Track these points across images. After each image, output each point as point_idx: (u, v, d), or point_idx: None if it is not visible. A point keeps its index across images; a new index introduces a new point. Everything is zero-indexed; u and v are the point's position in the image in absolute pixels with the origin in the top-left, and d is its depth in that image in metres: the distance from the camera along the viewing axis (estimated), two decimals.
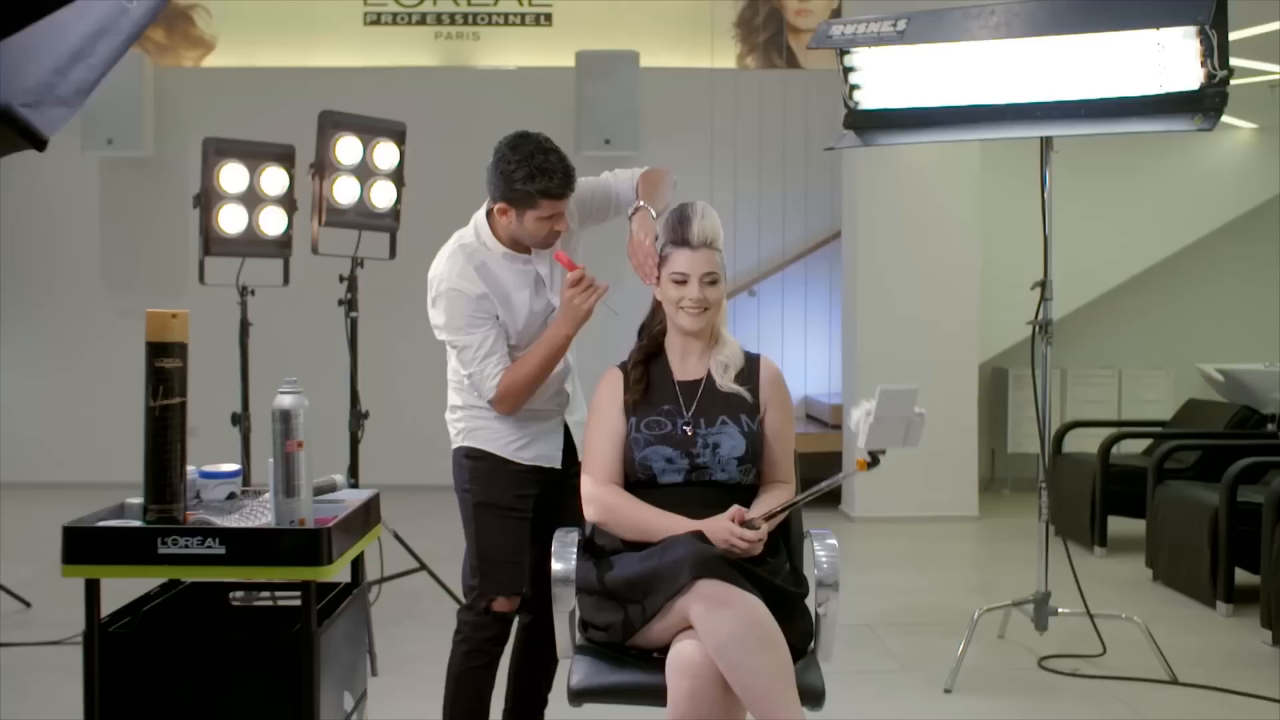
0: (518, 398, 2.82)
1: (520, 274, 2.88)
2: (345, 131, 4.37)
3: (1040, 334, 4.13)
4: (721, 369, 2.67)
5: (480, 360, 2.79)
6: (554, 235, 2.83)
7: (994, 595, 5.17)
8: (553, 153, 2.76)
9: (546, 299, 2.92)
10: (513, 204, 2.76)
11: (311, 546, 2.29)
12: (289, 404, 2.36)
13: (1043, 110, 3.97)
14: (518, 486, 2.90)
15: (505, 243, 2.86)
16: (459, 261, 2.83)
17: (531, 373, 2.81)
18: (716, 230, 2.65)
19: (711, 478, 2.57)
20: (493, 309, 2.81)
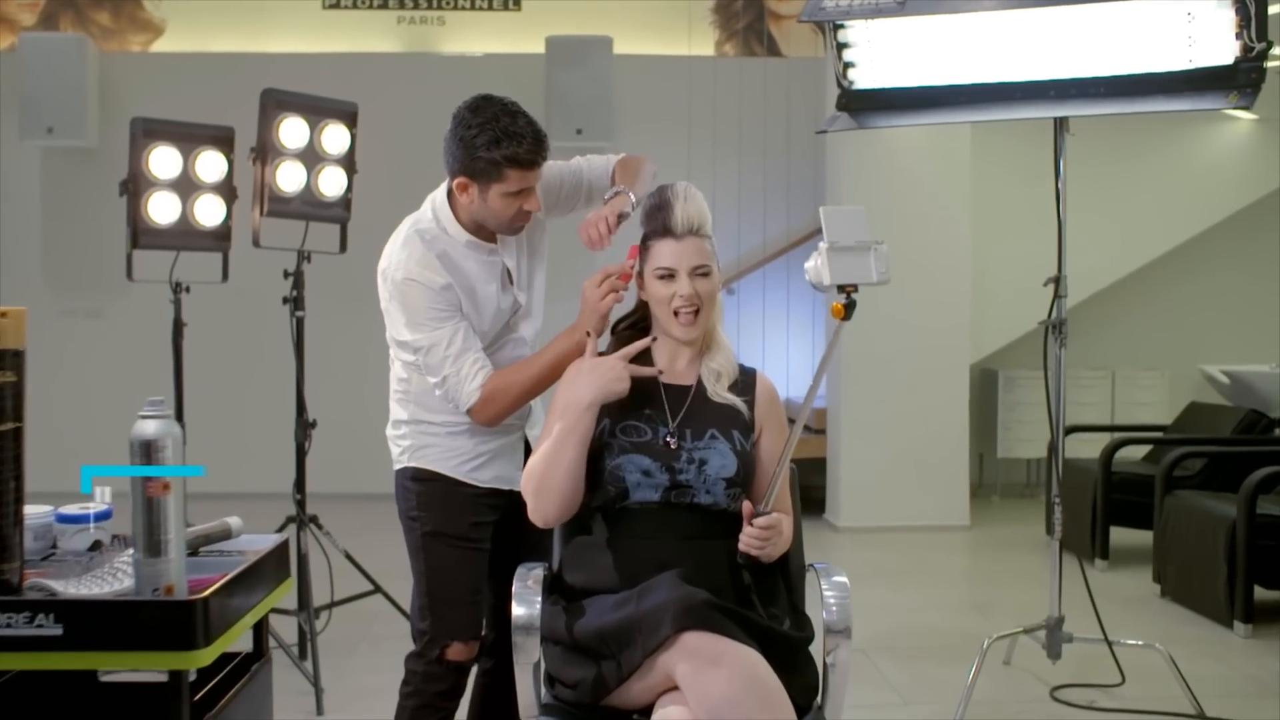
0: (503, 408, 2.44)
1: (486, 265, 2.50)
2: (290, 112, 3.99)
3: (1053, 334, 3.78)
4: (714, 377, 2.30)
5: (454, 359, 2.40)
6: (523, 217, 2.45)
7: (993, 614, 4.90)
8: (520, 115, 2.38)
9: (514, 296, 2.55)
10: (474, 177, 2.38)
11: (180, 623, 1.74)
12: (153, 433, 1.81)
13: (1057, 89, 3.63)
14: (473, 513, 2.52)
15: (468, 228, 2.48)
16: (416, 248, 2.44)
17: (529, 381, 2.44)
18: (703, 214, 2.28)
19: (694, 499, 2.19)
20: (458, 302, 2.44)
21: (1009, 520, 7.00)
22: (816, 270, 2.04)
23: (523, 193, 2.40)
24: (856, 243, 2.03)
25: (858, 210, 2.08)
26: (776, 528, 2.15)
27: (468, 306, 2.44)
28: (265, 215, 3.96)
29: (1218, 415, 6.13)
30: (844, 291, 2.02)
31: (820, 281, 2.04)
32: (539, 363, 2.44)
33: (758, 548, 2.13)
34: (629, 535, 2.18)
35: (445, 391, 2.42)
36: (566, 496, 2.19)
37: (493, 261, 2.50)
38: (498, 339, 2.53)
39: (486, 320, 2.48)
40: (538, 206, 2.45)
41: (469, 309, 2.45)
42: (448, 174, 2.44)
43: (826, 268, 2.01)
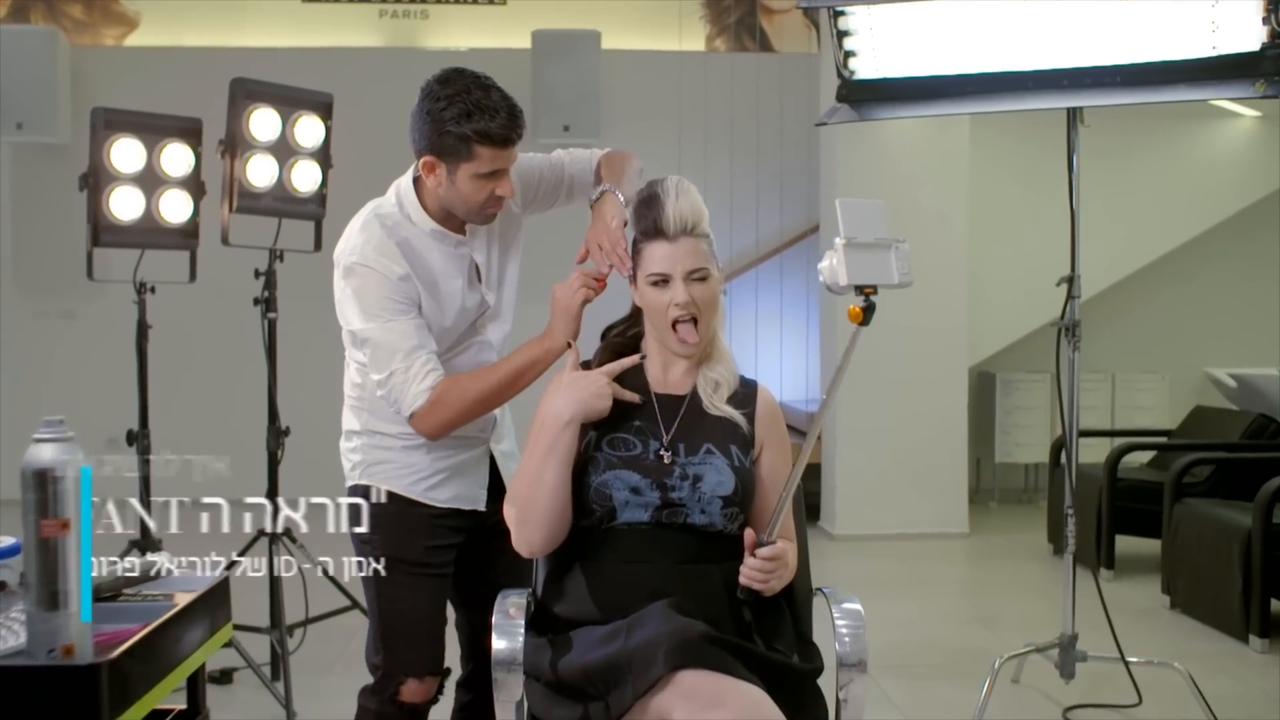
0: (451, 417, 2.21)
1: (452, 258, 2.29)
2: (260, 103, 3.78)
3: (1066, 337, 3.59)
4: (711, 387, 2.10)
5: (405, 355, 2.18)
6: (495, 203, 2.24)
7: (998, 628, 4.73)
8: (494, 89, 2.19)
9: (481, 294, 2.34)
10: (442, 156, 2.18)
11: (81, 692, 1.42)
12: (48, 459, 1.51)
13: (1070, 78, 3.44)
14: (432, 535, 2.31)
15: (435, 215, 2.28)
16: (375, 234, 2.23)
17: (487, 390, 2.22)
18: (698, 210, 2.08)
19: (687, 519, 2.00)
20: (416, 296, 2.23)
21: (1008, 527, 6.83)
22: (832, 270, 1.84)
23: (495, 175, 2.19)
24: (876, 240, 1.84)
25: (878, 204, 1.88)
26: (782, 559, 1.95)
27: (428, 302, 2.24)
28: (235, 211, 3.76)
29: (1225, 420, 5.97)
30: (862, 293, 1.82)
31: (836, 282, 1.84)
32: (501, 371, 2.23)
33: (760, 581, 1.93)
34: (616, 559, 1.99)
35: (389, 391, 2.20)
36: (553, 523, 1.99)
37: (460, 255, 2.30)
38: (462, 341, 2.33)
39: (449, 317, 2.28)
40: (511, 191, 2.24)
41: (430, 305, 2.25)
42: (414, 153, 2.23)
43: (843, 267, 1.81)
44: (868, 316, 1.83)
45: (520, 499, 2.01)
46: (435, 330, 2.26)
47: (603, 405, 2.02)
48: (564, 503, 1.99)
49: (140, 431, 3.80)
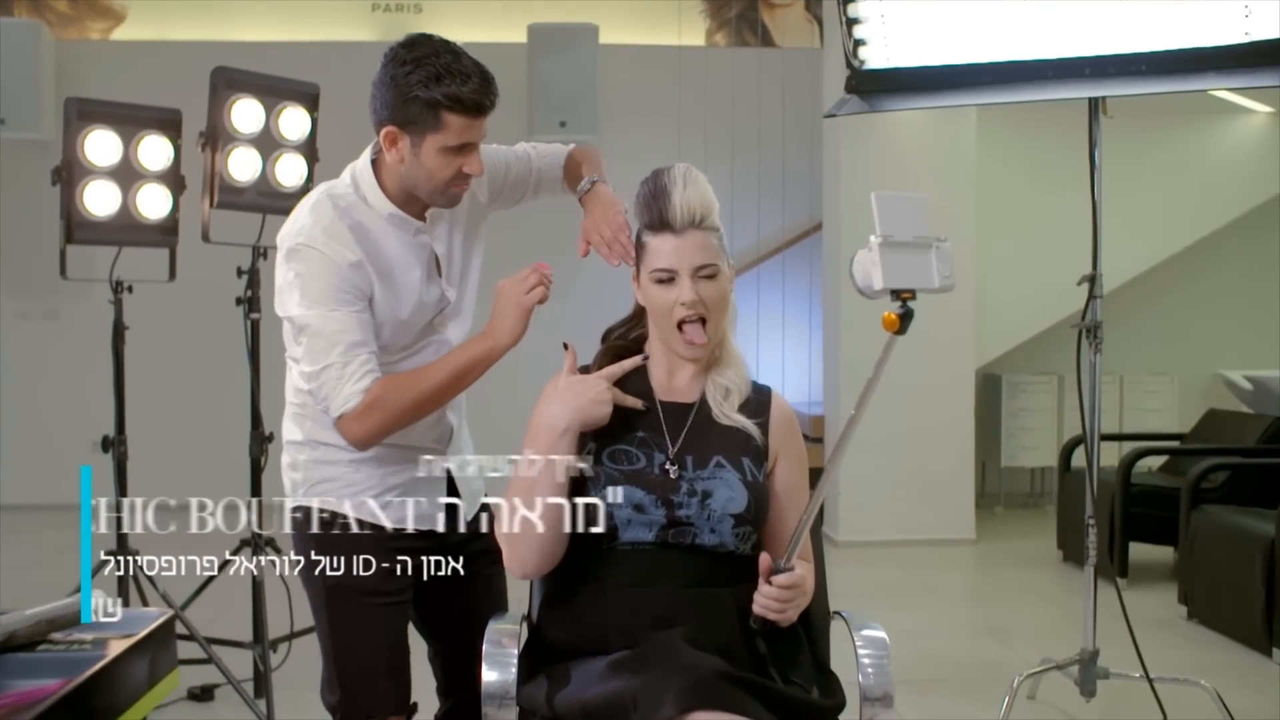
0: (386, 422, 2.00)
1: (410, 246, 2.10)
2: (243, 93, 3.62)
3: (1088, 338, 3.43)
4: (721, 394, 1.93)
5: (342, 351, 1.98)
6: (462, 182, 2.06)
7: (1009, 640, 4.59)
8: (464, 55, 2.01)
9: (441, 289, 2.15)
10: (406, 126, 1.99)
11: None
12: None
13: (1093, 66, 3.27)
14: (387, 559, 2.11)
15: (395, 198, 2.08)
16: (325, 215, 2.04)
17: (428, 391, 2.03)
18: (707, 201, 1.91)
19: (695, 539, 1.83)
20: (368, 287, 2.03)
21: (1016, 533, 6.67)
22: (866, 271, 1.66)
23: (463, 150, 2.01)
24: (915, 238, 1.66)
25: (918, 198, 1.70)
26: (800, 587, 1.79)
27: (383, 292, 2.05)
28: (216, 207, 3.59)
29: (1240, 423, 5.81)
30: (899, 298, 1.65)
31: (869, 285, 1.66)
32: (440, 371, 2.04)
33: (776, 611, 1.77)
34: (619, 582, 1.83)
35: (320, 387, 1.99)
36: (547, 542, 1.82)
37: (419, 244, 2.11)
38: (419, 340, 2.14)
39: (406, 309, 2.09)
40: (480, 170, 2.05)
41: (384, 296, 2.06)
42: (374, 126, 2.04)
43: (879, 268, 1.63)
44: (904, 324, 1.66)
45: (511, 517, 1.84)
46: (391, 324, 2.07)
47: (602, 412, 1.85)
48: (560, 520, 1.82)
49: (117, 438, 3.62)
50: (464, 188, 2.07)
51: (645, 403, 1.92)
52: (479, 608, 2.06)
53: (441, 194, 2.06)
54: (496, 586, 2.11)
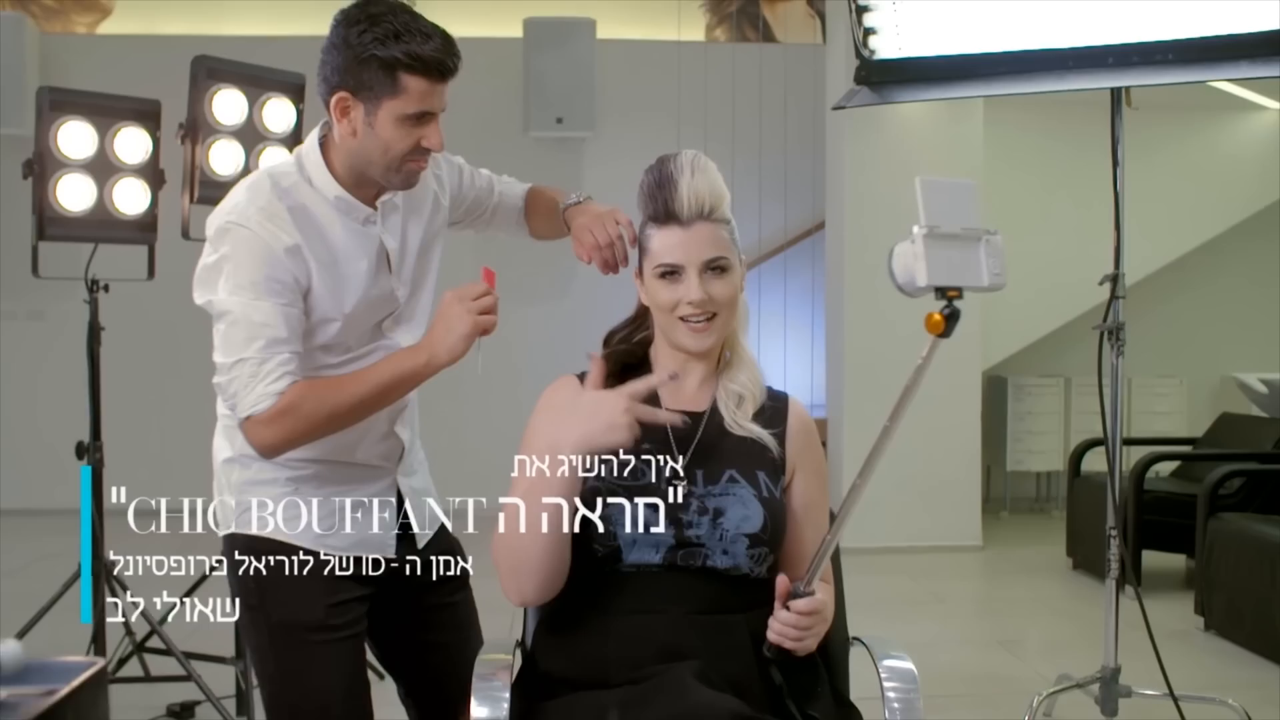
0: (299, 431, 1.80)
1: (358, 236, 1.91)
2: (225, 83, 3.46)
3: (1110, 340, 3.28)
4: (734, 401, 1.78)
5: (263, 347, 1.77)
6: (419, 158, 1.88)
7: (1022, 652, 4.45)
8: (422, 18, 1.85)
9: (390, 286, 1.96)
10: (360, 90, 1.82)
11: None
12: None
13: (1116, 55, 3.13)
14: (332, 591, 1.91)
15: (343, 179, 1.90)
16: (263, 194, 1.86)
17: (351, 402, 1.82)
18: (717, 191, 1.76)
19: (707, 562, 1.68)
20: (304, 277, 1.84)
21: (1023, 539, 6.52)
22: (907, 266, 1.49)
23: (423, 120, 1.83)
24: (963, 230, 1.49)
25: (967, 185, 1.53)
26: (820, 613, 1.63)
27: (322, 282, 1.86)
28: (196, 202, 3.42)
29: (1254, 428, 5.67)
30: (945, 297, 1.48)
31: (912, 282, 1.49)
32: (367, 381, 1.84)
33: (794, 639, 1.61)
34: (622, 608, 1.67)
35: (229, 382, 1.79)
36: (548, 570, 1.66)
37: (368, 234, 1.92)
38: (366, 342, 1.95)
39: (350, 302, 1.89)
40: (439, 144, 1.87)
41: (324, 286, 1.86)
42: (322, 96, 1.88)
43: (922, 263, 1.46)
44: (950, 326, 1.48)
45: (509, 543, 1.66)
46: (335, 320, 1.88)
47: (617, 440, 1.61)
48: (562, 546, 1.66)
49: (92, 444, 3.46)
50: (421, 165, 1.89)
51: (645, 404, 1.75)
52: (446, 641, 1.91)
53: (397, 171, 1.88)
54: (463, 616, 1.96)
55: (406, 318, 1.99)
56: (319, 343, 1.89)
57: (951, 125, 6.12)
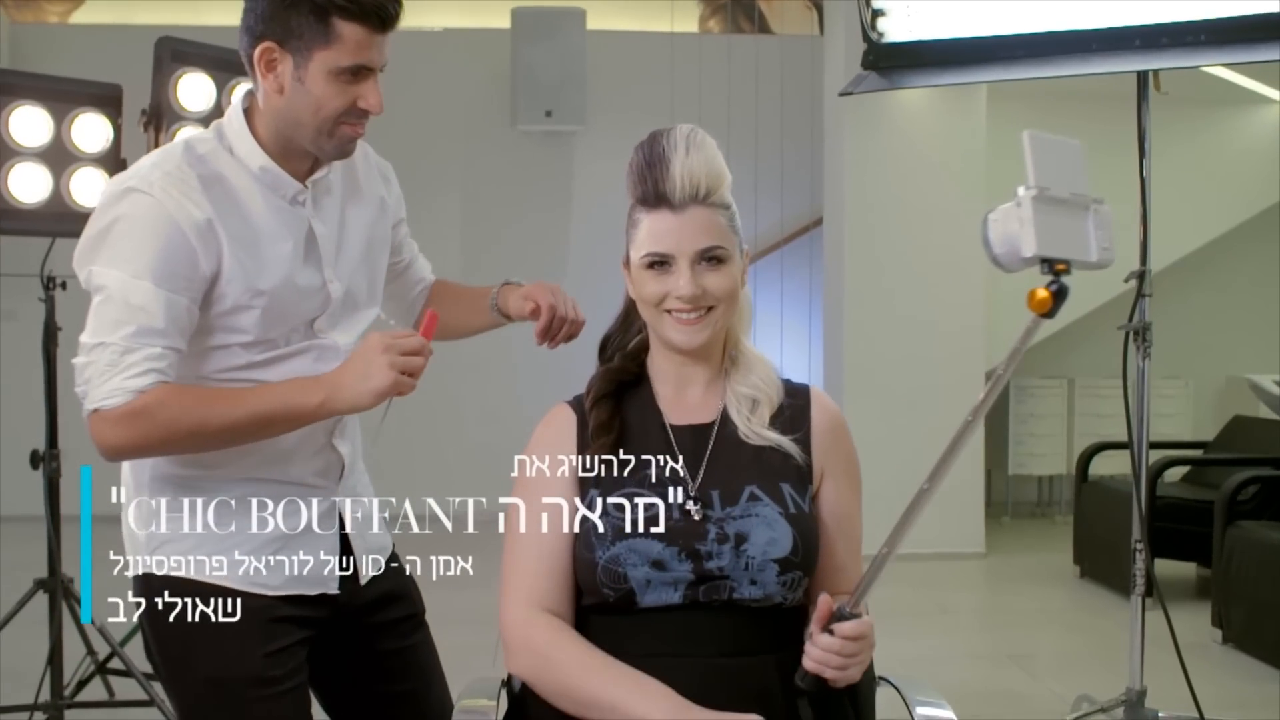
0: (147, 440, 1.57)
1: (283, 214, 1.68)
2: (191, 66, 3.25)
3: (1135, 341, 3.08)
4: (748, 407, 1.57)
5: (134, 335, 1.54)
6: (356, 123, 1.66)
7: (1032, 667, 4.27)
8: None
9: (321, 278, 1.72)
10: (287, 41, 1.60)
11: None
12: None
13: (1143, 37, 2.95)
14: (267, 638, 1.67)
15: (270, 147, 1.67)
16: (172, 160, 1.63)
17: (219, 425, 1.58)
18: (716, 171, 1.55)
19: (733, 594, 1.48)
20: (211, 262, 1.60)
21: (1027, 546, 6.34)
22: (1010, 234, 1.29)
23: (359, 76, 1.62)
24: (1072, 195, 1.30)
25: (1075, 145, 1.35)
26: (868, 638, 1.44)
27: (238, 262, 1.62)
28: None
29: (1269, 431, 5.50)
30: (1053, 272, 1.28)
31: (1015, 251, 1.29)
32: (244, 406, 1.59)
33: (837, 668, 1.41)
34: (636, 651, 1.47)
35: (86, 366, 1.56)
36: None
37: (295, 215, 1.69)
38: (297, 341, 1.71)
39: (267, 280, 1.65)
40: (378, 105, 1.65)
41: (239, 267, 1.62)
42: (245, 48, 1.65)
43: (1031, 229, 1.26)
44: (1058, 304, 1.27)
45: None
46: (255, 307, 1.64)
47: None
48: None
49: (48, 452, 3.24)
50: (358, 131, 1.67)
51: (653, 429, 1.55)
52: (408, 690, 1.70)
53: (329, 136, 1.65)
54: (422, 659, 1.75)
55: (343, 318, 1.76)
56: (238, 340, 1.65)
57: (954, 119, 5.95)
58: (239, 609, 1.65)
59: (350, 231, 1.76)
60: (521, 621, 1.49)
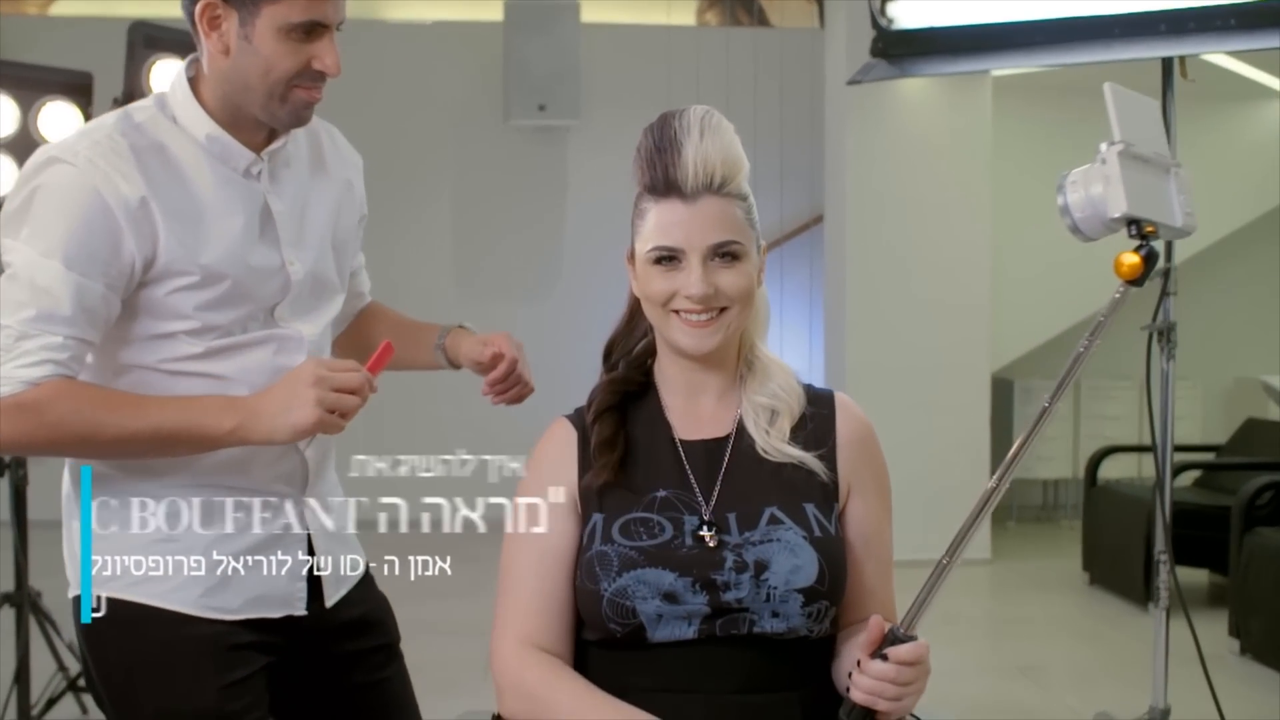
0: (36, 438, 1.41)
1: (233, 187, 1.53)
2: (165, 52, 3.12)
3: (1160, 342, 2.93)
4: (766, 418, 1.42)
5: (34, 321, 1.39)
6: (310, 87, 1.52)
7: (1044, 680, 4.16)
8: None
9: (279, 258, 1.56)
10: None
11: None
12: None
13: (1169, 21, 2.81)
14: (226, 666, 1.51)
15: (218, 116, 1.52)
16: (103, 130, 1.48)
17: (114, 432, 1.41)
18: (733, 158, 1.40)
19: (753, 628, 1.34)
20: (144, 246, 1.45)
21: (1033, 552, 6.20)
22: (1093, 195, 1.18)
23: (313, 34, 1.48)
24: (1155, 155, 1.19)
25: (1151, 103, 1.24)
26: (924, 663, 1.28)
27: (178, 241, 1.47)
28: None
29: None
30: (1140, 234, 1.16)
31: (1102, 213, 1.18)
32: (150, 417, 1.43)
33: (892, 698, 1.26)
34: (647, 686, 1.34)
35: None
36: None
37: (248, 189, 1.55)
38: (255, 328, 1.55)
39: (209, 253, 1.49)
40: (335, 66, 1.50)
41: (179, 246, 1.47)
42: (186, 6, 1.50)
43: (1119, 187, 1.14)
44: (1148, 269, 1.16)
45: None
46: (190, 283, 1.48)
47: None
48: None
49: (15, 459, 3.08)
50: (314, 96, 1.52)
51: (662, 445, 1.40)
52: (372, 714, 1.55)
53: (282, 101, 1.50)
54: (396, 695, 1.61)
55: (308, 307, 1.60)
56: (183, 327, 1.49)
57: (958, 113, 5.82)
58: (190, 637, 1.49)
59: (314, 211, 1.61)
60: (514, 661, 1.35)
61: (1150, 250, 1.14)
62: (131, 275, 1.45)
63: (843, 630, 1.43)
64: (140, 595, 1.50)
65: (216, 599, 1.51)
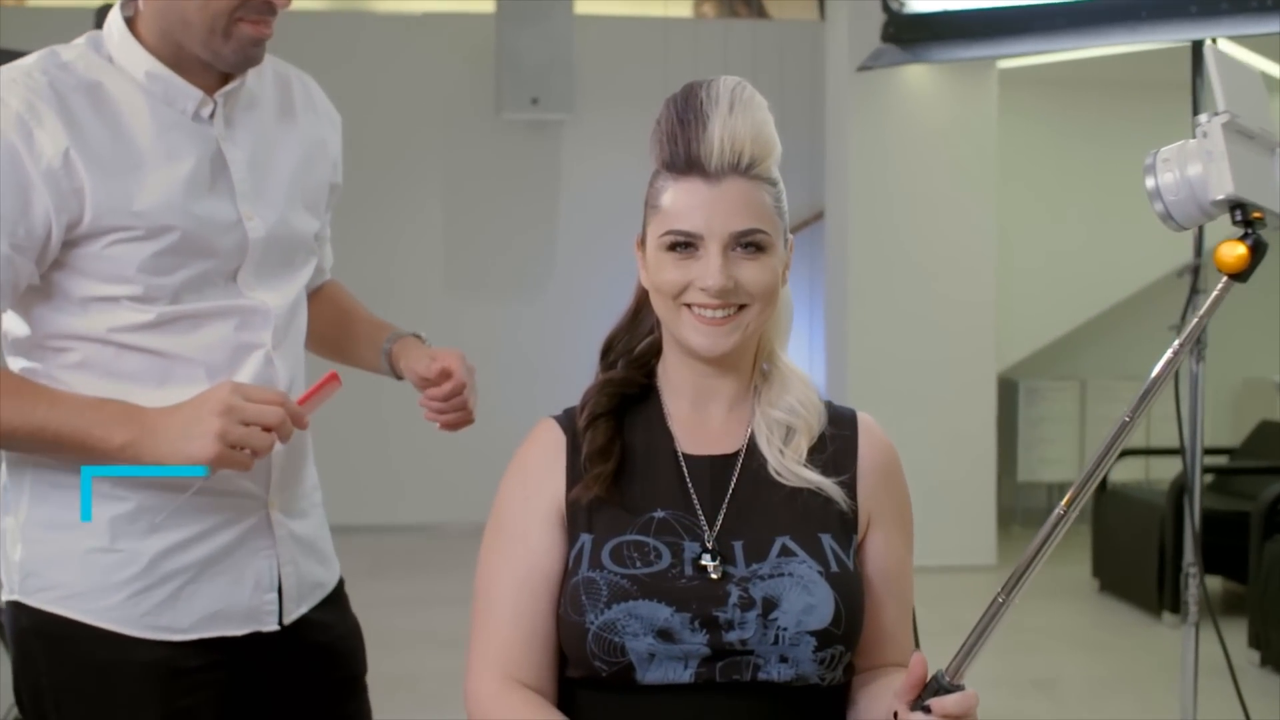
0: None
1: (180, 131, 1.37)
2: None
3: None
4: (781, 436, 1.26)
5: None
6: (258, 25, 1.35)
7: (1057, 694, 4.03)
8: None
9: (236, 211, 1.39)
10: None
11: None
12: None
13: (1202, 2, 2.64)
14: (170, 696, 1.33)
15: (162, 53, 1.36)
16: (21, 71, 1.31)
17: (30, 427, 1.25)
18: (764, 137, 1.25)
19: (758, 674, 1.18)
20: (70, 207, 1.29)
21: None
22: (1192, 177, 1.02)
23: None
24: (1261, 131, 1.04)
25: (1255, 73, 1.09)
26: (972, 715, 1.14)
27: (108, 193, 1.31)
28: None
29: None
30: (1246, 221, 1.01)
31: (1202, 194, 1.03)
32: (39, 416, 1.26)
33: None
34: None
35: None
36: None
37: (197, 132, 1.39)
38: (211, 298, 1.38)
39: (142, 200, 1.32)
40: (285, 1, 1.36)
41: (110, 199, 1.31)
42: None
43: (1225, 164, 0.99)
44: (1255, 261, 1.03)
45: None
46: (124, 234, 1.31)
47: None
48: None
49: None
50: (262, 31, 1.35)
51: (663, 459, 1.23)
52: None
53: (225, 36, 1.33)
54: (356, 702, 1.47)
55: (273, 273, 1.43)
56: (125, 291, 1.33)
57: (964, 106, 5.70)
58: (133, 660, 1.32)
59: (279, 163, 1.45)
60: (488, 697, 1.19)
61: (1258, 240, 0.98)
62: (48, 236, 1.29)
63: (858, 676, 1.27)
64: (74, 611, 1.32)
65: (163, 617, 1.34)
